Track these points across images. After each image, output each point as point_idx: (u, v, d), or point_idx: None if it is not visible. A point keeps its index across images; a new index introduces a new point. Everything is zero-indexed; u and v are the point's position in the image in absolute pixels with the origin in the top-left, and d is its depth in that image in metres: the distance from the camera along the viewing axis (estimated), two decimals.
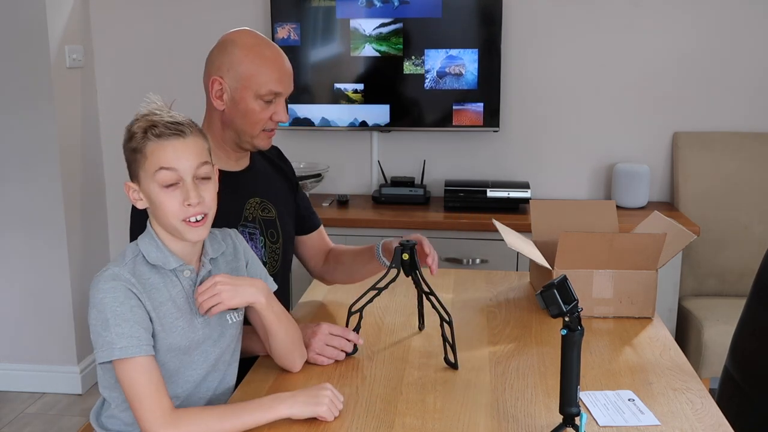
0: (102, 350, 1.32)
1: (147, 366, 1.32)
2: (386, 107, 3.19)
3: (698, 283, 3.12)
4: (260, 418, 1.33)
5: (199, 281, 1.43)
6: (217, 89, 1.72)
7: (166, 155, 1.35)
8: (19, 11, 3.04)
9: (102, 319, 1.32)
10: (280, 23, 3.18)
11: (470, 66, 3.12)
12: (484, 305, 1.97)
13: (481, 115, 3.16)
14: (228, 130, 1.74)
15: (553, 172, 3.32)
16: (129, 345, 1.31)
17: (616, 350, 1.70)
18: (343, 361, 1.62)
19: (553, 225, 2.03)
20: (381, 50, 3.15)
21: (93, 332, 1.34)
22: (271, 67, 1.70)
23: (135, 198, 1.40)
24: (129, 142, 1.38)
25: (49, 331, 3.26)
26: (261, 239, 1.81)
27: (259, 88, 1.69)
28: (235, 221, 1.75)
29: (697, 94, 3.19)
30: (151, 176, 1.36)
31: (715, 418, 1.39)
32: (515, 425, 1.36)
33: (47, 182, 3.15)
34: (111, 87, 3.42)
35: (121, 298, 1.33)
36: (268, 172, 1.91)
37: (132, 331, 1.32)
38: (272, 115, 1.73)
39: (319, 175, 3.14)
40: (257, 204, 1.82)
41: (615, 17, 3.17)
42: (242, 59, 1.69)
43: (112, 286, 1.33)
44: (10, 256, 3.25)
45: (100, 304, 1.33)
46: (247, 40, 1.73)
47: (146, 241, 1.41)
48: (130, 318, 1.32)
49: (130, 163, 1.39)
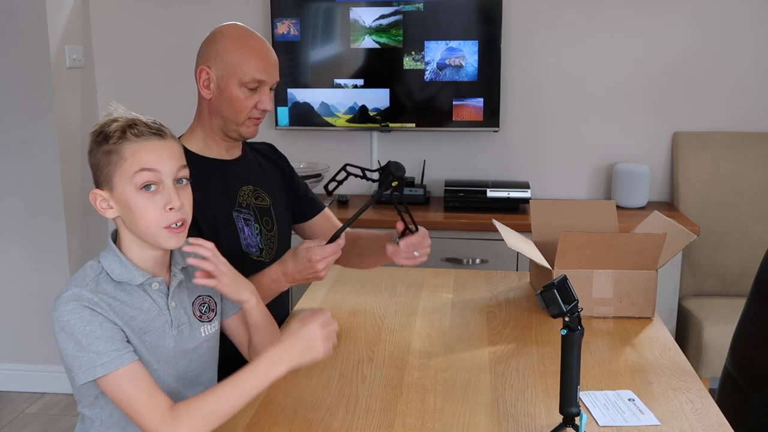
0: (82, 371, 1.27)
1: (133, 373, 1.27)
2: (386, 91, 3.19)
3: (698, 283, 3.12)
4: (260, 386, 1.28)
5: (170, 292, 1.39)
6: (205, 78, 1.75)
7: (148, 156, 1.30)
8: (19, 11, 3.04)
9: (74, 341, 1.27)
10: (280, 19, 3.18)
11: (470, 58, 3.12)
12: (484, 305, 1.97)
13: (481, 111, 3.16)
14: (215, 118, 1.77)
15: (553, 172, 3.32)
16: (109, 360, 1.26)
17: (616, 350, 1.70)
18: (343, 360, 1.62)
19: (553, 225, 2.03)
20: (381, 42, 3.15)
21: (67, 355, 1.28)
22: (255, 55, 1.74)
23: (103, 207, 1.34)
24: (101, 144, 1.31)
25: (49, 331, 3.23)
26: (256, 226, 1.82)
27: (243, 76, 1.72)
28: (229, 207, 1.76)
29: (697, 94, 3.19)
30: (129, 178, 1.30)
31: (715, 418, 1.39)
32: (515, 425, 1.36)
33: (47, 182, 3.15)
34: (111, 87, 3.42)
35: (87, 316, 1.28)
36: (261, 163, 1.93)
37: (108, 345, 1.27)
38: (257, 103, 1.76)
39: (319, 175, 3.14)
40: (250, 191, 1.84)
41: (615, 17, 3.17)
42: (228, 48, 1.74)
43: (74, 306, 1.28)
44: (10, 256, 3.25)
45: (67, 327, 1.27)
46: (234, 31, 1.78)
47: (109, 258, 1.35)
48: (102, 334, 1.27)
49: (100, 168, 1.33)
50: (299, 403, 1.44)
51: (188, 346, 1.42)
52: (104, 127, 1.33)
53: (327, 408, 1.42)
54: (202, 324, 1.45)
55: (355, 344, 1.72)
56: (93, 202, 1.35)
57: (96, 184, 1.35)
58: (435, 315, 1.89)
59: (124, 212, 1.34)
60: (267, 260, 1.82)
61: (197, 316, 1.44)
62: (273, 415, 1.40)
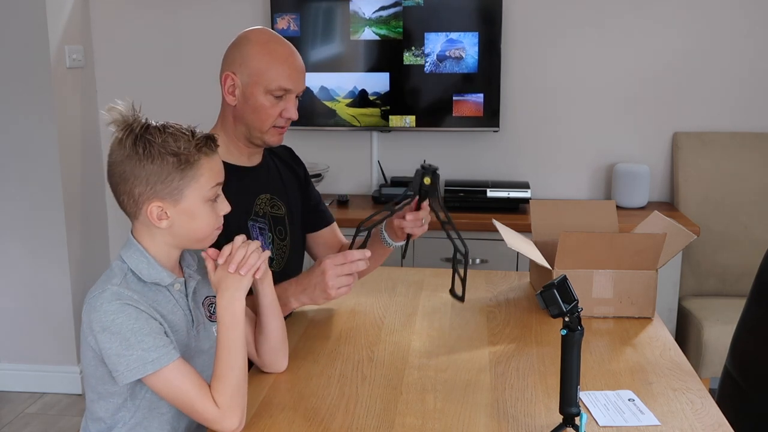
0: (129, 370, 1.28)
1: (182, 367, 1.30)
2: (386, 75, 3.18)
3: (698, 283, 3.12)
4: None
5: (190, 293, 1.42)
6: (230, 84, 1.74)
7: (219, 170, 1.37)
8: (19, 11, 3.04)
9: (120, 339, 1.27)
10: (280, 14, 3.18)
11: (470, 50, 3.12)
12: (484, 305, 1.97)
13: (481, 106, 3.16)
14: (239, 125, 1.76)
15: (553, 172, 3.32)
16: (159, 355, 1.28)
17: (616, 350, 1.70)
18: (343, 360, 1.62)
19: (553, 225, 2.02)
20: (381, 33, 3.15)
21: (111, 355, 1.28)
22: (282, 63, 1.72)
23: (161, 218, 1.34)
24: (176, 160, 1.31)
25: (49, 331, 3.27)
26: (269, 235, 1.82)
27: (269, 84, 1.70)
28: (245, 215, 1.76)
29: (697, 94, 3.19)
30: (205, 192, 1.34)
31: (715, 418, 1.39)
32: (515, 425, 1.36)
33: (47, 182, 3.15)
34: (111, 87, 3.42)
35: (134, 314, 1.29)
36: (280, 170, 1.92)
37: (156, 342, 1.29)
38: (282, 111, 1.74)
39: (319, 175, 3.14)
40: (267, 200, 1.83)
41: (615, 17, 3.17)
42: (254, 55, 1.71)
43: (118, 305, 1.29)
44: (10, 256, 3.25)
45: (113, 326, 1.28)
46: (261, 37, 1.74)
47: (136, 258, 1.36)
48: (150, 331, 1.29)
49: (166, 182, 1.32)
50: (299, 403, 1.44)
51: (204, 345, 1.45)
52: (169, 142, 1.31)
53: (327, 408, 1.42)
54: (213, 324, 1.47)
55: (355, 344, 1.72)
56: (149, 215, 1.33)
57: (151, 194, 1.32)
58: (435, 315, 1.89)
59: (182, 221, 1.35)
60: (277, 269, 1.81)
61: (207, 316, 1.48)
62: (273, 415, 1.39)
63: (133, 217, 1.37)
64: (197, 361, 1.42)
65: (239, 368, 1.33)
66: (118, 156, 1.33)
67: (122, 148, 1.32)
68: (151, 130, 1.32)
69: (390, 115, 3.21)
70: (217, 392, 1.30)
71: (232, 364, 1.32)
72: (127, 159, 1.32)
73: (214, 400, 1.30)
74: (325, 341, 1.73)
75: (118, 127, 1.33)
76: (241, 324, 1.35)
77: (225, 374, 1.31)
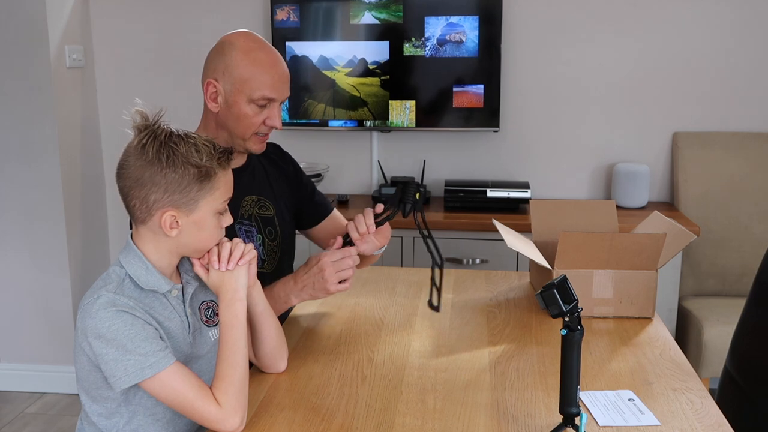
0: (127, 375, 1.27)
1: (179, 370, 1.29)
2: (386, 44, 3.16)
3: (698, 283, 3.12)
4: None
5: (187, 299, 1.42)
6: (212, 91, 1.71)
7: (232, 184, 1.39)
8: (19, 11, 3.04)
9: (116, 345, 1.27)
10: (280, 5, 3.17)
11: (471, 33, 3.11)
12: (484, 305, 1.97)
13: (481, 97, 3.15)
14: (222, 131, 1.74)
15: (553, 172, 3.32)
16: (157, 360, 1.27)
17: (616, 350, 1.70)
18: (343, 360, 1.62)
19: (553, 225, 2.03)
20: (380, 18, 3.14)
21: (108, 361, 1.27)
22: (265, 72, 1.69)
23: (172, 226, 1.33)
24: (197, 172, 1.31)
25: (49, 331, 3.27)
26: (258, 237, 1.80)
27: (252, 93, 1.68)
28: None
29: (697, 94, 3.19)
30: (217, 204, 1.35)
31: (715, 418, 1.39)
32: (515, 425, 1.36)
33: (47, 182, 3.15)
34: (111, 87, 3.42)
35: (129, 320, 1.28)
36: (266, 170, 1.90)
37: (153, 346, 1.28)
38: (265, 120, 1.72)
39: (319, 175, 3.14)
40: (254, 202, 1.82)
41: (614, 17, 3.17)
42: (237, 63, 1.68)
43: (113, 312, 1.28)
44: (10, 257, 3.25)
45: (109, 333, 1.27)
46: (244, 43, 1.71)
47: (135, 264, 1.35)
48: (146, 336, 1.28)
49: (183, 191, 1.31)
50: (299, 403, 1.44)
51: (201, 351, 1.45)
52: (192, 152, 1.31)
53: (327, 408, 1.42)
54: (210, 329, 1.47)
55: (355, 344, 1.72)
56: (162, 223, 1.32)
57: (167, 203, 1.32)
58: (435, 315, 1.89)
59: (191, 231, 1.35)
60: (268, 271, 1.81)
61: (203, 321, 1.47)
62: (273, 415, 1.40)
63: (139, 222, 1.35)
64: (194, 367, 1.42)
65: (241, 367, 1.33)
66: (137, 160, 1.31)
67: (144, 154, 1.30)
68: (174, 139, 1.31)
69: (390, 100, 3.18)
70: (219, 391, 1.30)
71: (235, 363, 1.33)
72: (148, 165, 1.30)
73: (215, 400, 1.30)
74: (325, 341, 1.73)
75: (140, 131, 1.31)
76: (242, 323, 1.35)
77: (228, 373, 1.32)
